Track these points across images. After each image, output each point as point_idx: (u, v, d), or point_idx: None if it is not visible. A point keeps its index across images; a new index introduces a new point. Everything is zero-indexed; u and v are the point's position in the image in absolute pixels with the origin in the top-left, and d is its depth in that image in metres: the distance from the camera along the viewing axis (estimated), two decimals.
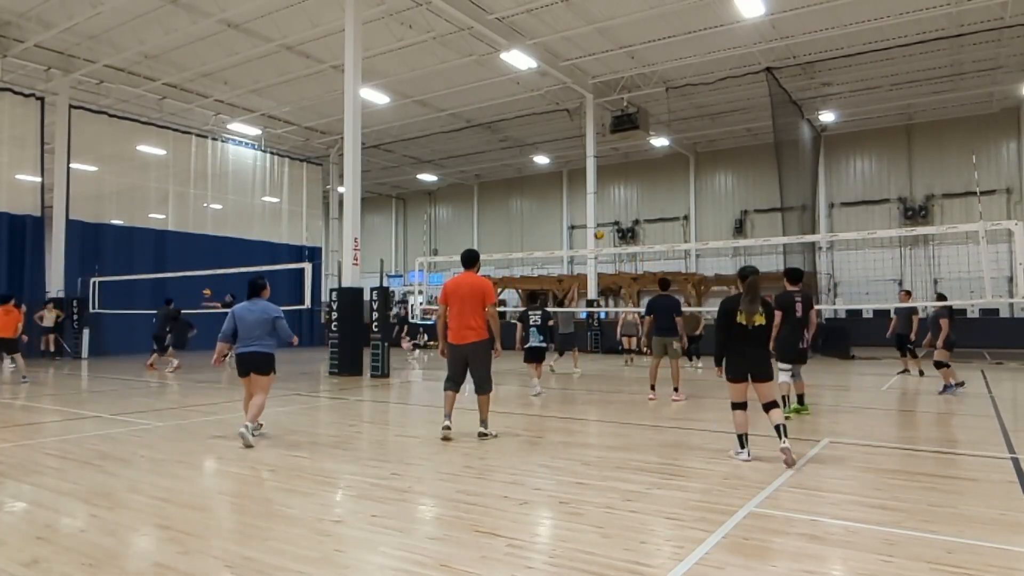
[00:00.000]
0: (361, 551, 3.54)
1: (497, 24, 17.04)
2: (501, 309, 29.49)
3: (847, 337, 19.50)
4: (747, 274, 5.87)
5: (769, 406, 5.67)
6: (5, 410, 8.91)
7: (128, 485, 4.90)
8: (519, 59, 18.14)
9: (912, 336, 13.29)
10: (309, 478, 5.14)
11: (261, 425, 6.97)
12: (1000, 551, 3.50)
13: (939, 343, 10.33)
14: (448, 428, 6.64)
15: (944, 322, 10.40)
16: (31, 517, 4.16)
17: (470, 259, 6.88)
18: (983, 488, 4.79)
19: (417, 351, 21.58)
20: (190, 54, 18.85)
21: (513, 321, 28.12)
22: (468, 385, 6.89)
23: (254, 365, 6.65)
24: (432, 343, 26.22)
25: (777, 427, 5.55)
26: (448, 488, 4.83)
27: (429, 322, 28.75)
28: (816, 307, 8.91)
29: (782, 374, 8.10)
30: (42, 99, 19.89)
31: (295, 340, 7.04)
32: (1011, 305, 22.31)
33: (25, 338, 14.86)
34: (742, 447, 5.67)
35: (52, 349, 18.40)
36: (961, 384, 10.56)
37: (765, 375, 5.67)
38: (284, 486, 4.90)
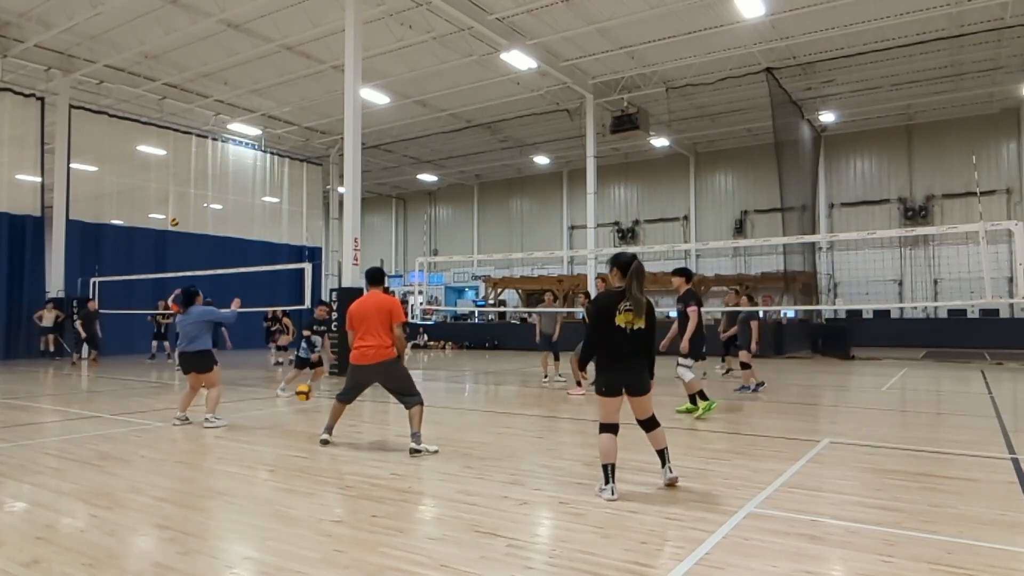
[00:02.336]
0: (361, 551, 3.54)
1: (497, 24, 17.04)
2: (502, 309, 29.56)
3: (847, 337, 19.50)
4: (628, 260, 4.67)
5: (649, 424, 4.81)
6: (5, 410, 8.91)
7: (128, 485, 4.90)
8: (519, 59, 18.13)
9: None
10: (309, 478, 5.14)
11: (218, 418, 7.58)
12: (1000, 551, 3.50)
13: (753, 346, 10.69)
14: (326, 442, 6.37)
15: (754, 324, 10.78)
16: (31, 517, 4.16)
17: (376, 277, 6.50)
18: (983, 488, 4.79)
19: (415, 351, 21.55)
20: (190, 54, 18.84)
21: (514, 322, 28.22)
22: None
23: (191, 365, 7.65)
24: (432, 343, 26.26)
25: (660, 452, 4.79)
26: (448, 488, 4.83)
27: (429, 322, 28.78)
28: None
29: (688, 372, 8.10)
30: (42, 99, 19.90)
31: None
32: (1011, 305, 22.32)
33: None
34: (608, 481, 4.49)
35: (51, 349, 18.40)
36: (761, 384, 10.83)
37: (641, 387, 4.70)
38: (284, 486, 4.90)
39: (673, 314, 9.20)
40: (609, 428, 4.62)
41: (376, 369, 6.18)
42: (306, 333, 10.62)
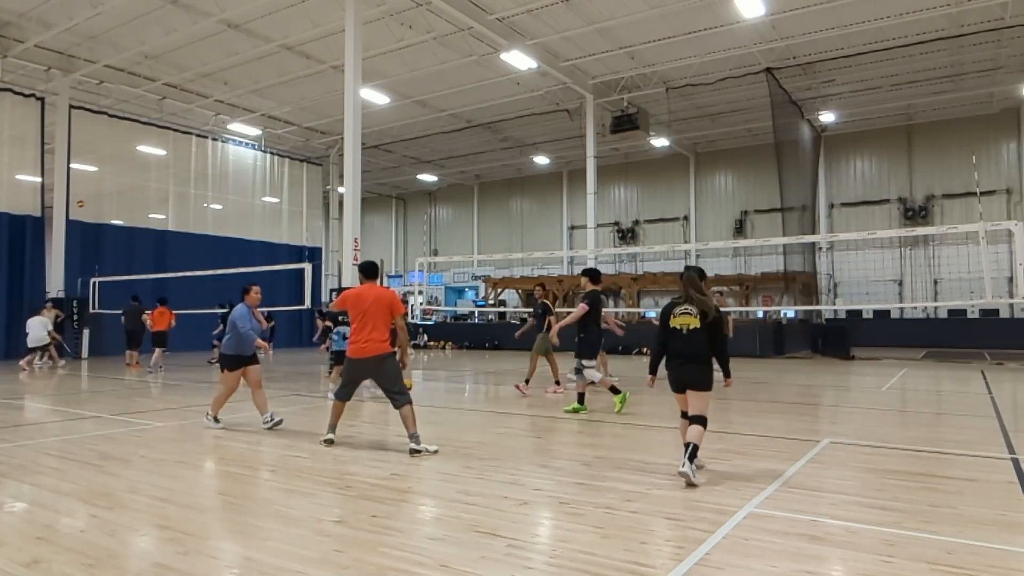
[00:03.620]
0: (361, 551, 3.54)
1: (497, 24, 17.04)
2: (502, 309, 29.56)
3: (847, 337, 19.50)
4: (684, 271, 5.35)
5: (694, 419, 5.02)
6: (5, 410, 8.91)
7: (128, 485, 4.89)
8: (519, 59, 18.14)
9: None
10: (309, 478, 5.14)
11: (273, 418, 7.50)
12: (1000, 551, 3.50)
13: None
14: (331, 442, 6.31)
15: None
16: (31, 517, 4.16)
17: (371, 270, 6.42)
18: (983, 488, 4.79)
19: (415, 351, 21.53)
20: (190, 54, 18.85)
21: (514, 322, 28.21)
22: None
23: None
24: (432, 343, 26.25)
25: (687, 445, 4.89)
26: (448, 488, 4.83)
27: (429, 322, 28.78)
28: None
29: (595, 372, 8.54)
30: (42, 99, 19.89)
31: (263, 346, 7.74)
32: (1011, 305, 22.32)
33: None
34: (684, 456, 4.87)
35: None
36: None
37: (695, 383, 5.07)
38: (284, 486, 4.90)
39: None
40: (683, 415, 5.30)
41: (371, 363, 6.16)
42: (327, 324, 10.39)
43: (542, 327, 11.09)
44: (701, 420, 5.00)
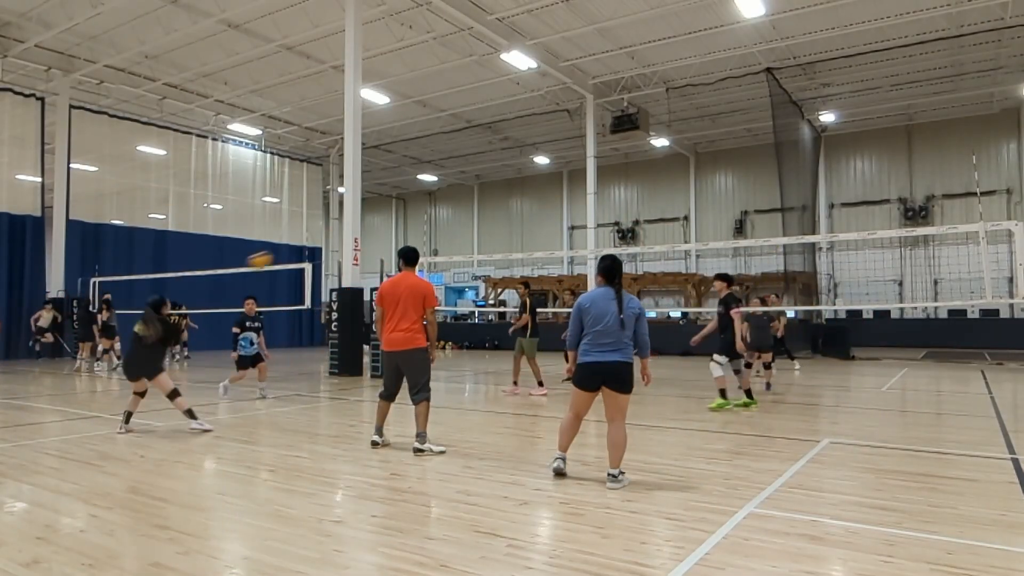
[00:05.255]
0: (361, 551, 3.54)
1: (497, 24, 17.04)
2: (502, 309, 29.56)
3: (847, 337, 19.51)
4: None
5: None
6: (5, 410, 8.91)
7: (128, 485, 4.90)
8: (519, 59, 18.13)
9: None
10: (309, 478, 5.14)
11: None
12: (1000, 552, 3.50)
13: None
14: (376, 443, 6.25)
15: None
16: (31, 517, 4.15)
17: (410, 257, 6.31)
18: (983, 489, 4.79)
19: None
20: (190, 54, 18.85)
21: (512, 321, 28.19)
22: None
23: None
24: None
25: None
26: (448, 488, 4.83)
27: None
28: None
29: (719, 368, 8.72)
30: (42, 99, 19.89)
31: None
32: (1011, 305, 22.32)
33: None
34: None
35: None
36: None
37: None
38: (284, 486, 4.90)
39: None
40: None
41: (401, 356, 6.10)
42: (235, 331, 9.84)
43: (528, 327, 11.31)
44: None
